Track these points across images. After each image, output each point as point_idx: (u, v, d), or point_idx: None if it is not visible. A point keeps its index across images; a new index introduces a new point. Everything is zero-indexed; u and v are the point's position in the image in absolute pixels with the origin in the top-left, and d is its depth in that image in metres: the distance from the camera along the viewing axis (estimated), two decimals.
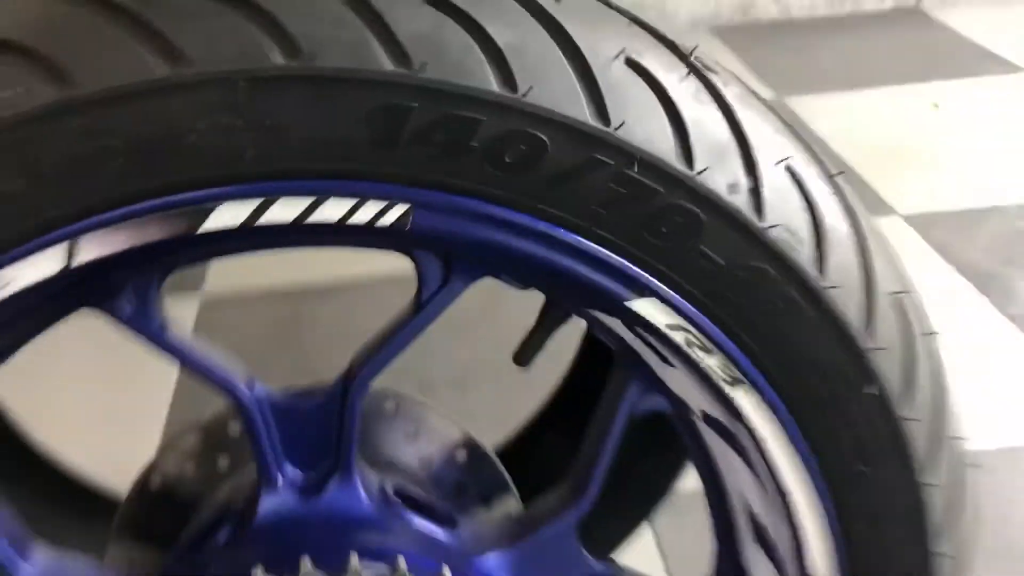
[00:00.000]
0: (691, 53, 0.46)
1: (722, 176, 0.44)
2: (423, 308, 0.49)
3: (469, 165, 0.42)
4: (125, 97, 0.38)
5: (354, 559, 0.45)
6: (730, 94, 0.46)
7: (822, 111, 2.21)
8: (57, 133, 0.38)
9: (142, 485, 0.60)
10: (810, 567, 0.53)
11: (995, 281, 1.57)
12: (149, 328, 0.47)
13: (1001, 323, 1.48)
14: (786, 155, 0.46)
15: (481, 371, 1.40)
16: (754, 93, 0.48)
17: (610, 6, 0.45)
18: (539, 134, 0.42)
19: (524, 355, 0.56)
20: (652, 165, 0.43)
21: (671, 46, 0.45)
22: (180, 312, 1.54)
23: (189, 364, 0.48)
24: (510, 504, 0.65)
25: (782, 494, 0.52)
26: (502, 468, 0.66)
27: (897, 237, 1.72)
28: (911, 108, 2.22)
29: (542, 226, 0.44)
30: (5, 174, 0.39)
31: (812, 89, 2.32)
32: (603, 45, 0.43)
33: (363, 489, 0.52)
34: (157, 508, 0.60)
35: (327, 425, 0.52)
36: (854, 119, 2.17)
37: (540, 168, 0.43)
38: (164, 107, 0.39)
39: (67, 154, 0.39)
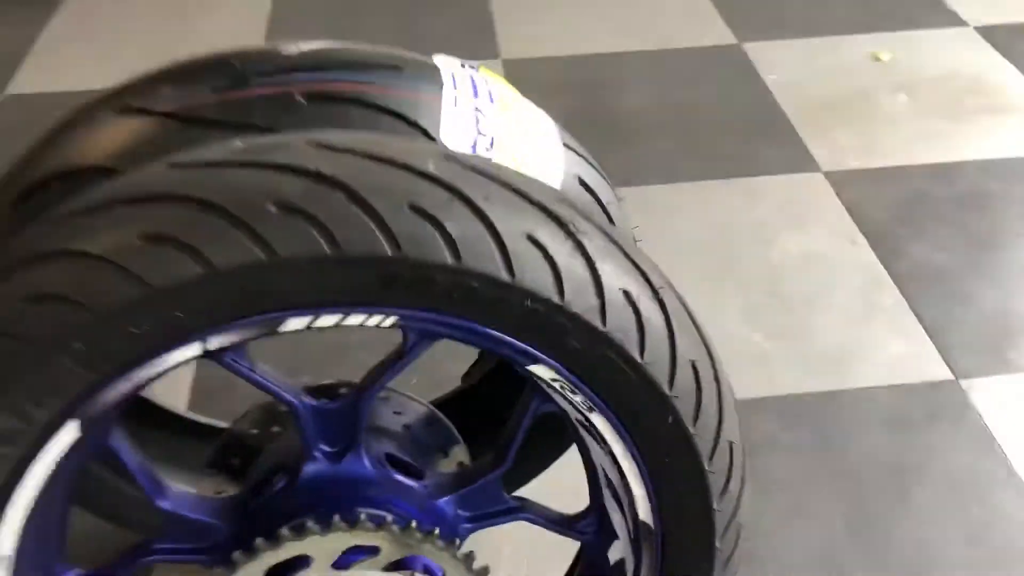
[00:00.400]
0: (570, 224, 0.76)
1: (582, 302, 0.75)
2: (405, 355, 0.81)
3: (434, 297, 0.73)
4: (240, 272, 0.69)
5: (363, 513, 0.78)
6: (592, 248, 0.76)
7: (775, 59, 2.46)
8: (200, 290, 0.69)
9: (225, 436, 0.94)
10: (638, 512, 0.87)
11: (887, 240, 1.89)
12: (242, 368, 0.79)
13: (882, 279, 1.80)
14: (624, 285, 0.77)
15: None
16: (614, 243, 0.78)
17: (524, 197, 0.75)
18: (473, 283, 0.73)
19: (470, 377, 0.89)
20: (539, 298, 0.74)
21: (559, 222, 0.75)
22: None
23: (266, 390, 0.80)
24: (460, 451, 0.99)
25: (620, 468, 0.85)
26: (454, 428, 0.99)
27: (813, 194, 2.02)
28: (856, 59, 2.47)
29: (476, 327, 0.76)
30: (174, 313, 0.69)
31: (770, 35, 2.56)
32: (514, 228, 0.73)
33: (367, 458, 0.86)
34: (235, 454, 0.94)
35: (346, 421, 0.84)
36: (802, 69, 2.43)
37: (474, 299, 0.74)
38: (262, 275, 0.69)
39: (203, 300, 0.70)
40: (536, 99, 0.99)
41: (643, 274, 0.79)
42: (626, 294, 0.77)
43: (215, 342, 0.73)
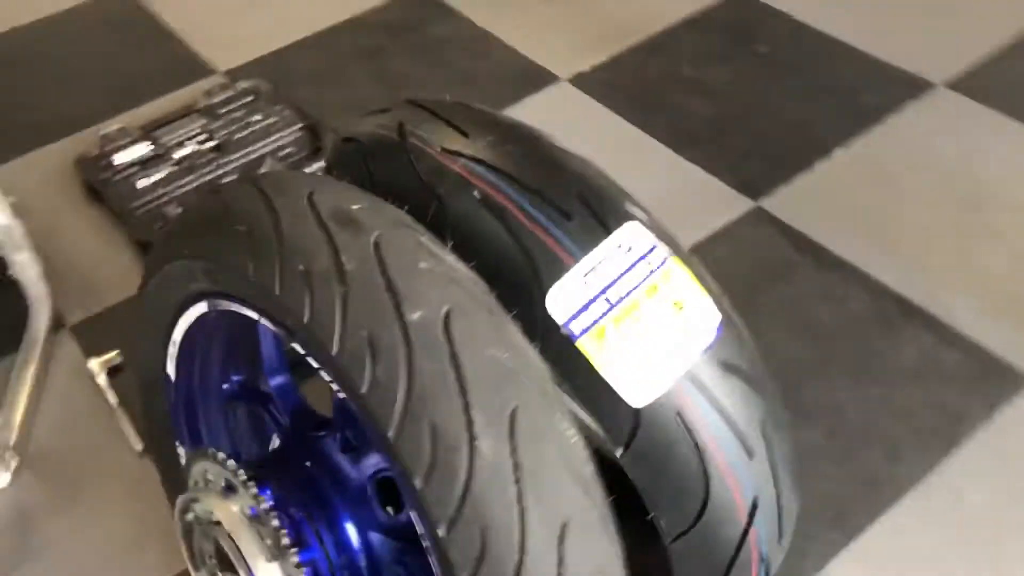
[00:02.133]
0: (476, 436, 0.78)
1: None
2: None
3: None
4: (254, 287, 0.88)
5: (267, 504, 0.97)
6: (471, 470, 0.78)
7: None
8: (243, 282, 0.91)
9: None
10: None
11: None
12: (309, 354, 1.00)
13: None
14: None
15: None
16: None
17: (465, 403, 0.79)
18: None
19: None
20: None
21: (469, 432, 0.79)
22: None
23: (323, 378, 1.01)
24: None
25: None
26: None
27: None
28: None
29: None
30: (237, 280, 0.93)
31: None
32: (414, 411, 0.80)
33: (362, 467, 1.03)
34: None
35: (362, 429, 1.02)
36: None
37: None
38: (269, 300, 0.88)
39: (248, 290, 0.91)
40: None
41: None
42: None
43: (264, 322, 0.95)
